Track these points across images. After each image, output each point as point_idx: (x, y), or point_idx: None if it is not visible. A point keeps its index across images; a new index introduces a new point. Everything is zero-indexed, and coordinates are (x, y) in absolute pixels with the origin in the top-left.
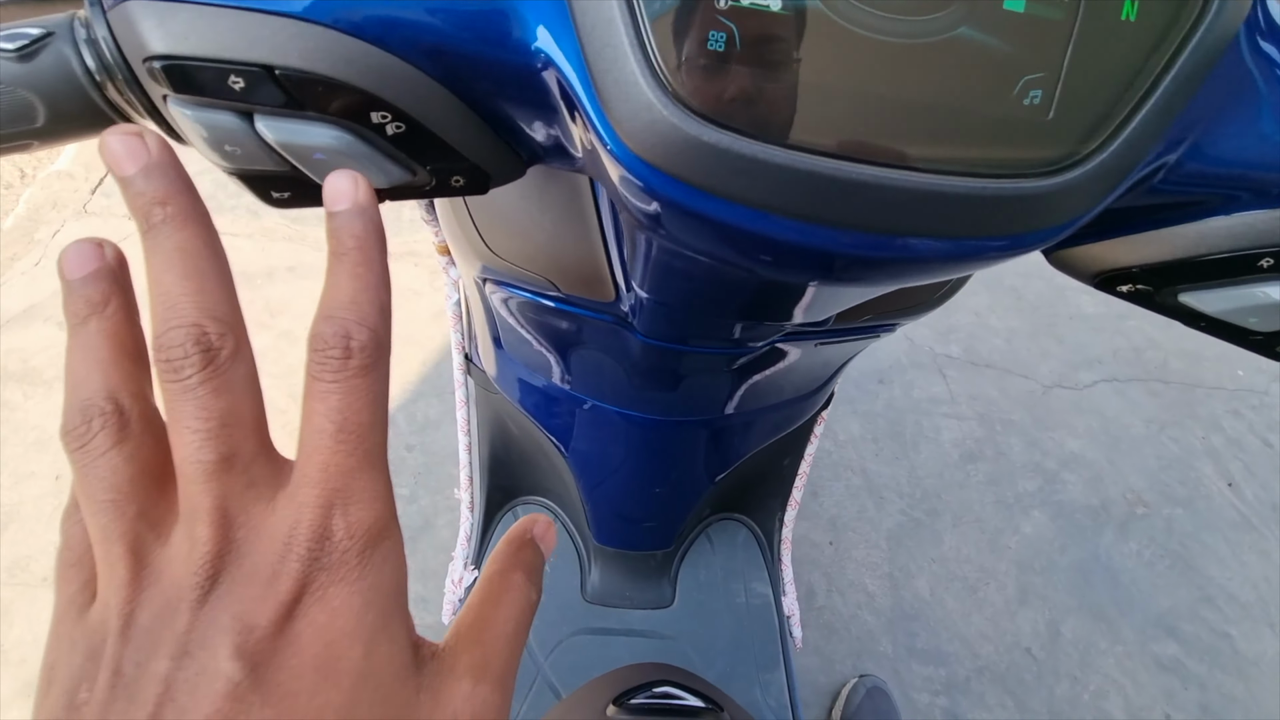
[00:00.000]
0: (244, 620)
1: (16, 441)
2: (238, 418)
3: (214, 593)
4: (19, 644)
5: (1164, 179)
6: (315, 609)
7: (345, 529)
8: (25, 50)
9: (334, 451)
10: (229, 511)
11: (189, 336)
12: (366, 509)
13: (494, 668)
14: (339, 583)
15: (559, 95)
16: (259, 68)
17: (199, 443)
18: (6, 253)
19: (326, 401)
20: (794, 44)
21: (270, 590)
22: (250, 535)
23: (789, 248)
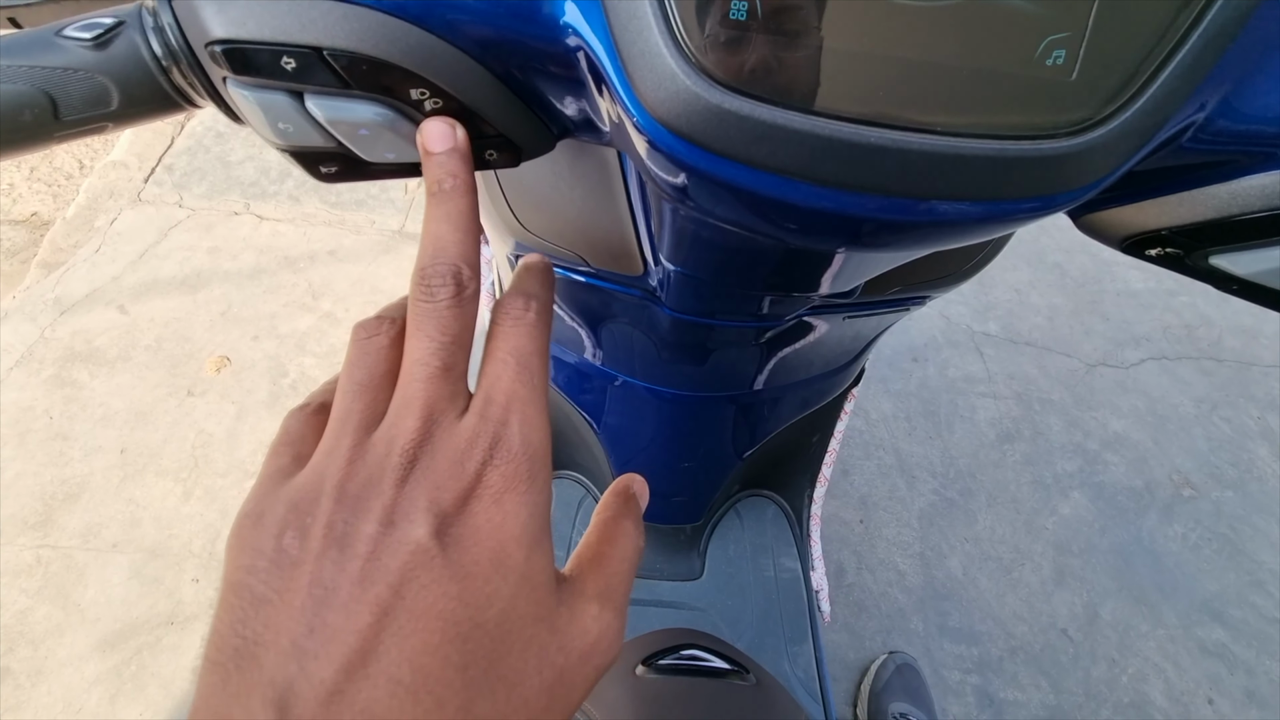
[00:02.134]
0: (437, 501)
1: (85, 418)
2: (463, 341)
3: (412, 475)
4: (94, 604)
5: (1193, 138)
6: (492, 507)
7: (521, 443)
8: (100, 39)
9: (514, 380)
10: (434, 410)
11: (449, 270)
12: (537, 432)
13: (615, 596)
14: (511, 491)
15: (586, 69)
16: (309, 49)
17: (432, 349)
18: (69, 240)
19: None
20: (816, 10)
21: (454, 480)
22: (445, 434)
23: (814, 214)
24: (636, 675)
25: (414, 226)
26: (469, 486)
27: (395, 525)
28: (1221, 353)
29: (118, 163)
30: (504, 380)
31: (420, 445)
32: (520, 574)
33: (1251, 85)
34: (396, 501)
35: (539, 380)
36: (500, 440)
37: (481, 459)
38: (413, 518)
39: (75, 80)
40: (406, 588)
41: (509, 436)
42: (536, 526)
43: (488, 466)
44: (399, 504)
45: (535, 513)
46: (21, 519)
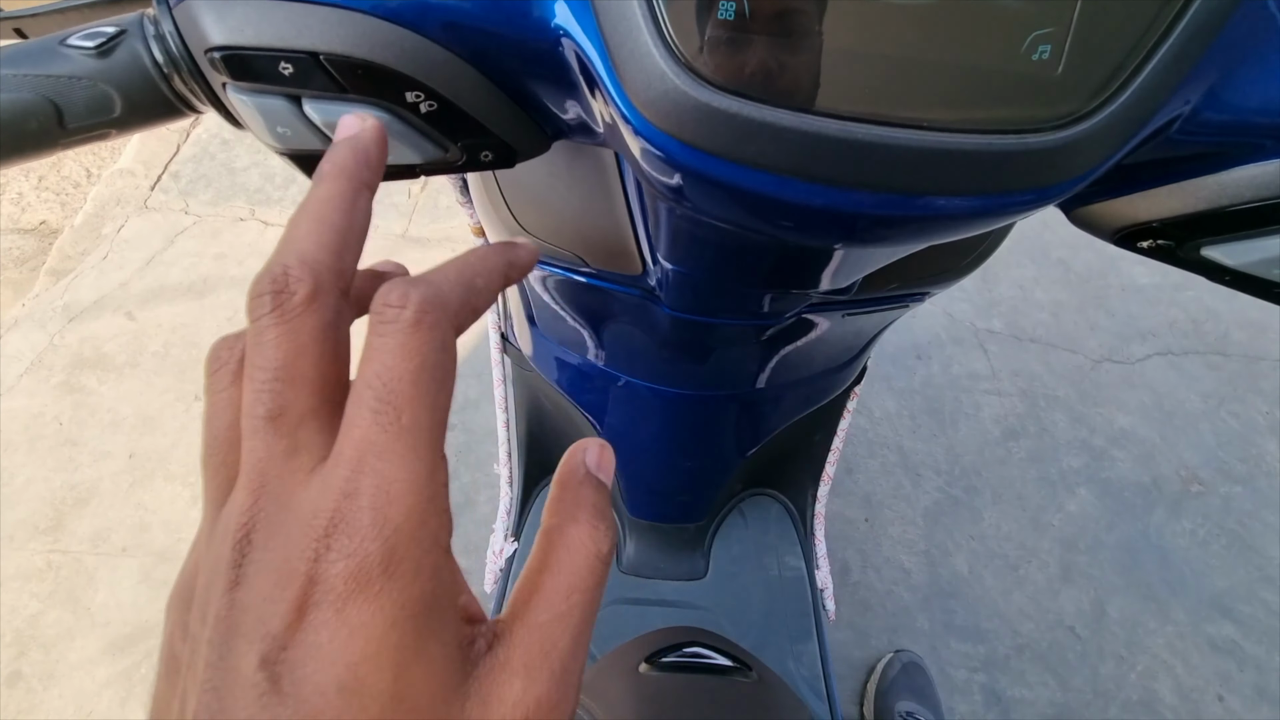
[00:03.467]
0: (263, 623)
1: (93, 423)
2: (294, 372)
3: (243, 575)
4: (104, 607)
5: (1181, 129)
6: (334, 621)
7: (369, 523)
8: (103, 47)
9: (369, 425)
10: (265, 478)
11: (269, 276)
12: (395, 501)
13: (552, 659)
14: (359, 594)
15: (578, 70)
16: (306, 54)
17: (251, 393)
18: (78, 247)
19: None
20: (804, 10)
21: (281, 588)
22: (279, 511)
23: (806, 210)
24: (639, 673)
25: (417, 230)
26: (303, 592)
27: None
28: (1229, 347)
29: (124, 170)
30: (356, 427)
31: (249, 531)
32: (386, 698)
33: (1238, 77)
34: (227, 619)
35: (413, 417)
36: (342, 520)
37: (315, 551)
38: (240, 647)
39: (79, 88)
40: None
41: (353, 515)
42: (404, 633)
43: (323, 562)
44: (229, 623)
45: (399, 616)
46: (32, 524)
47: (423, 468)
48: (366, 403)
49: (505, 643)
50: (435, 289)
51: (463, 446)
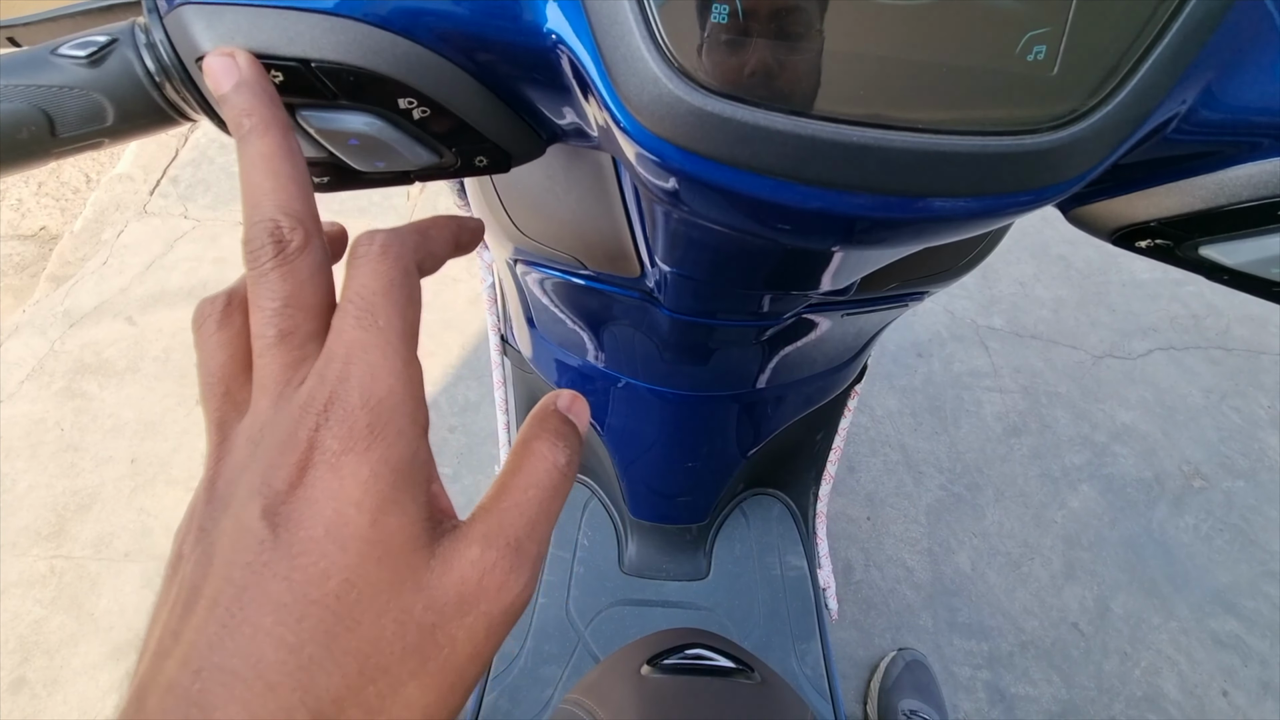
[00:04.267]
0: (268, 482)
1: (95, 429)
2: (300, 300)
3: (257, 455)
4: (107, 612)
5: (1178, 129)
6: (327, 474)
7: (360, 396)
8: (94, 56)
9: (352, 328)
10: (276, 384)
11: (265, 230)
12: (378, 381)
13: (508, 533)
14: (349, 452)
15: (571, 74)
16: (297, 62)
17: (265, 320)
18: (77, 253)
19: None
20: (798, 12)
21: (286, 455)
22: (286, 405)
23: (801, 213)
24: (642, 675)
25: None
26: (302, 458)
27: (237, 515)
28: (1230, 342)
29: (123, 176)
30: (344, 330)
31: (266, 425)
32: (363, 540)
33: (1234, 75)
34: (242, 489)
35: (388, 320)
36: (335, 399)
37: (314, 424)
38: (248, 504)
39: (71, 98)
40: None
41: (345, 393)
42: (384, 484)
43: (320, 430)
44: (243, 492)
45: (381, 470)
46: (35, 530)
47: (399, 359)
48: (349, 313)
49: (467, 523)
50: (396, 233)
51: (464, 449)
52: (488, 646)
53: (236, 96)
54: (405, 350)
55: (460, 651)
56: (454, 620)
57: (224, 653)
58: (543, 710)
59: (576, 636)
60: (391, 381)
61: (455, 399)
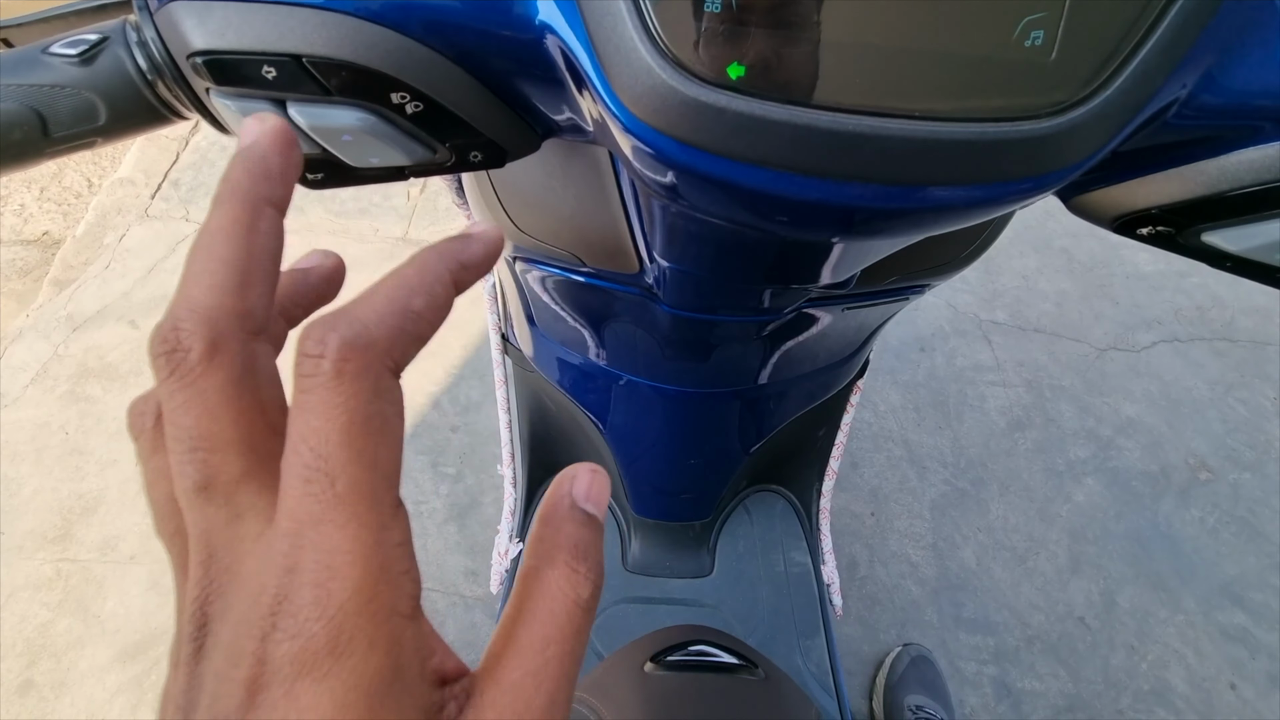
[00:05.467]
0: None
1: (99, 432)
2: (211, 438)
3: (203, 649)
4: (113, 615)
5: (1178, 114)
6: (283, 704)
7: (311, 601)
8: (85, 55)
9: (300, 495)
10: (212, 549)
11: (160, 333)
12: (338, 579)
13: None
14: (305, 676)
15: (565, 68)
16: (288, 57)
17: (175, 464)
18: (80, 258)
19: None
20: (792, 1)
21: (232, 669)
22: (231, 583)
23: (799, 204)
24: (645, 672)
25: (417, 234)
26: (251, 675)
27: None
28: (1235, 333)
29: (125, 179)
30: (289, 497)
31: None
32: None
33: (1234, 59)
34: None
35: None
36: (284, 600)
37: (261, 631)
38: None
39: (63, 97)
40: None
41: (294, 593)
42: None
43: (269, 642)
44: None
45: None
46: (41, 533)
47: (367, 534)
48: (296, 471)
49: (476, 704)
50: (359, 327)
51: (467, 448)
52: None
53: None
54: (376, 517)
55: None
56: None
57: None
58: None
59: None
60: (357, 573)
61: (457, 398)
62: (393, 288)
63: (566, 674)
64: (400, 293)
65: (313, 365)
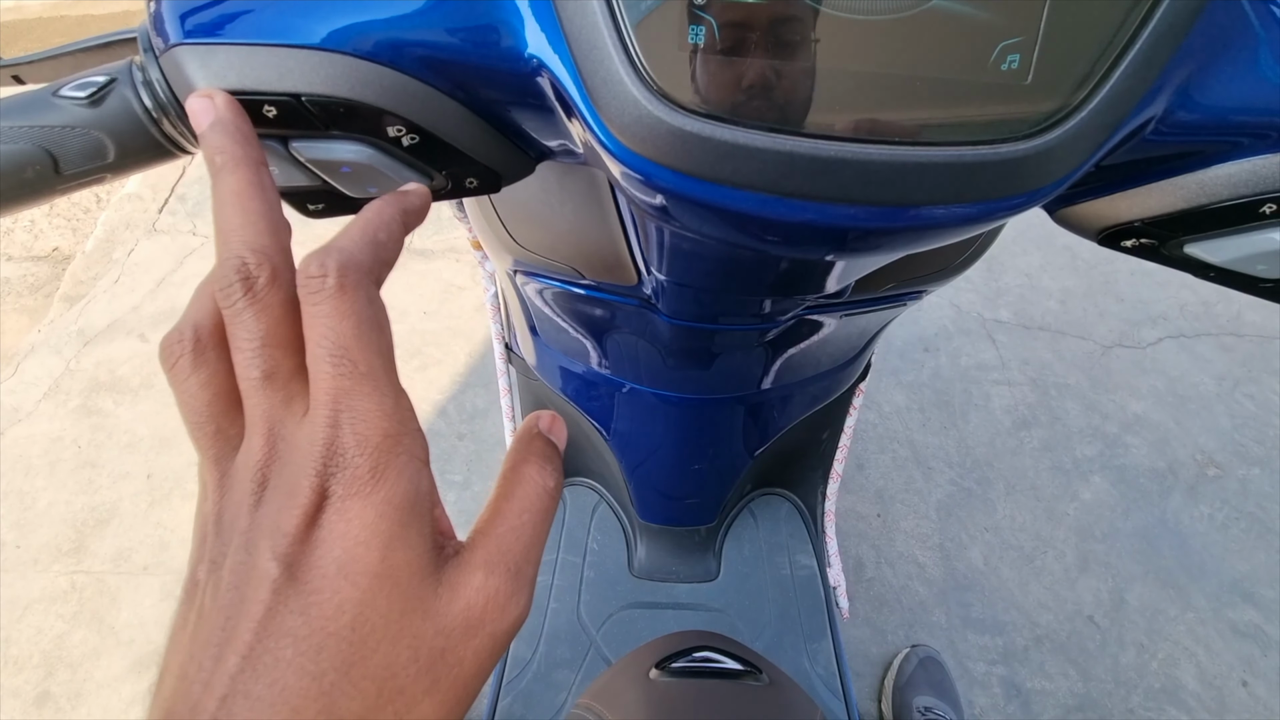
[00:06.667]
0: (279, 526)
1: (111, 445)
2: (276, 338)
3: (263, 497)
4: (127, 626)
5: (1156, 131)
6: (335, 518)
7: (355, 445)
8: (94, 96)
9: (332, 376)
10: (273, 424)
11: (233, 267)
12: (372, 427)
13: (508, 559)
14: (353, 496)
15: (554, 97)
16: (288, 96)
17: (245, 360)
18: (90, 272)
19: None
20: (772, 31)
21: (294, 500)
22: (287, 447)
23: (787, 226)
24: (650, 679)
25: (421, 243)
26: (312, 502)
27: (250, 555)
28: (1242, 328)
29: (133, 195)
30: (321, 378)
31: (267, 464)
32: (373, 575)
33: (1209, 77)
34: (249, 529)
35: (367, 363)
36: (333, 447)
37: (316, 471)
38: (259, 546)
39: (73, 137)
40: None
41: (340, 441)
42: (390, 522)
43: (325, 477)
44: (250, 531)
45: (385, 509)
46: (55, 546)
47: (387, 400)
48: (323, 360)
49: (468, 547)
50: (348, 254)
51: (473, 456)
52: (491, 662)
53: (211, 135)
54: (390, 387)
55: (468, 669)
56: (462, 642)
57: (248, 680)
58: (556, 714)
59: (589, 641)
60: (385, 424)
61: (464, 407)
62: (362, 227)
63: (537, 535)
64: (369, 229)
65: (319, 284)
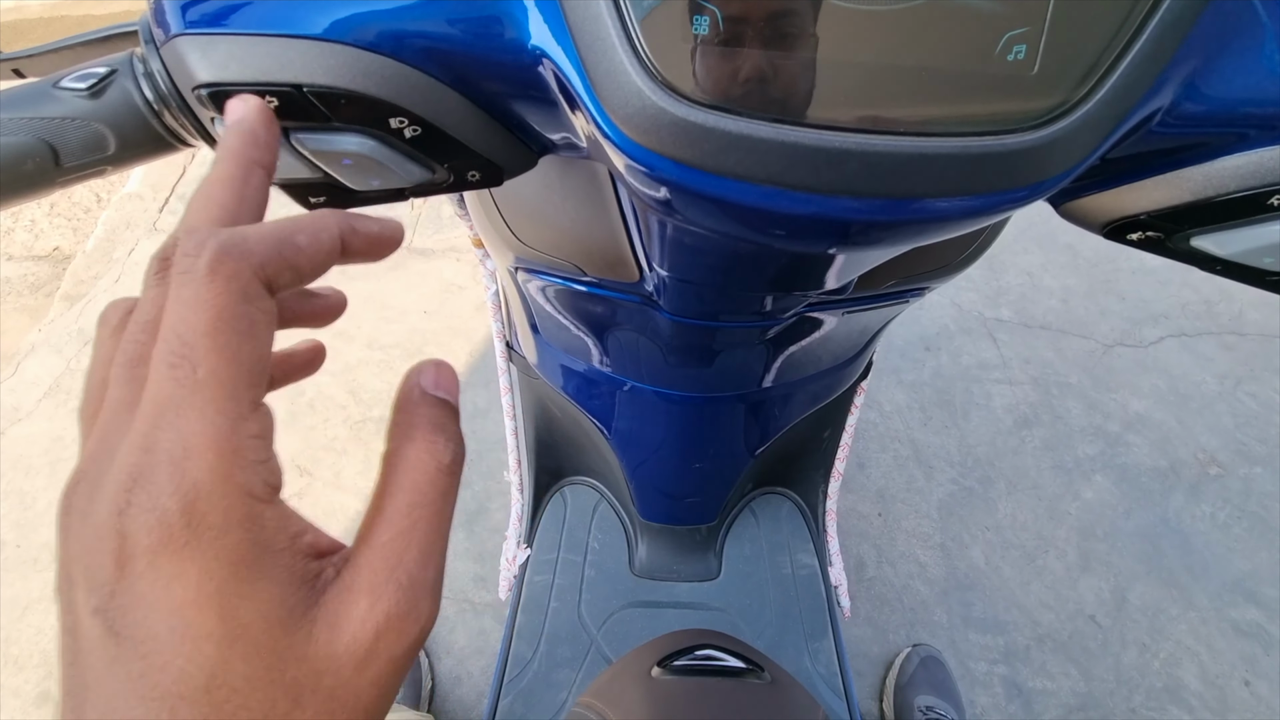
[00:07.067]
0: (91, 570)
1: None
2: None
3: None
4: None
5: (1162, 123)
6: (148, 572)
7: (167, 482)
8: (94, 88)
9: (164, 380)
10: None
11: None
12: (193, 460)
13: (397, 573)
14: (164, 550)
15: (557, 89)
16: (290, 87)
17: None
18: (90, 272)
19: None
20: (777, 22)
21: (101, 540)
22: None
23: (791, 218)
24: (652, 677)
25: (421, 242)
26: (116, 547)
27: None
28: (1244, 327)
29: (133, 195)
30: (153, 380)
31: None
32: (217, 639)
33: (1216, 68)
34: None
35: (211, 368)
36: (141, 477)
37: (119, 506)
38: (75, 594)
39: (73, 129)
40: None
41: (150, 470)
42: (221, 580)
43: (126, 516)
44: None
45: (211, 567)
46: (55, 546)
47: (224, 421)
48: (163, 357)
49: (350, 567)
50: (237, 239)
51: (473, 455)
52: (396, 681)
53: (227, 133)
54: (234, 407)
55: (367, 699)
56: (355, 676)
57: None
58: (557, 714)
59: (589, 640)
60: (211, 456)
61: (464, 406)
62: (283, 222)
63: (436, 531)
64: (288, 226)
65: (189, 263)
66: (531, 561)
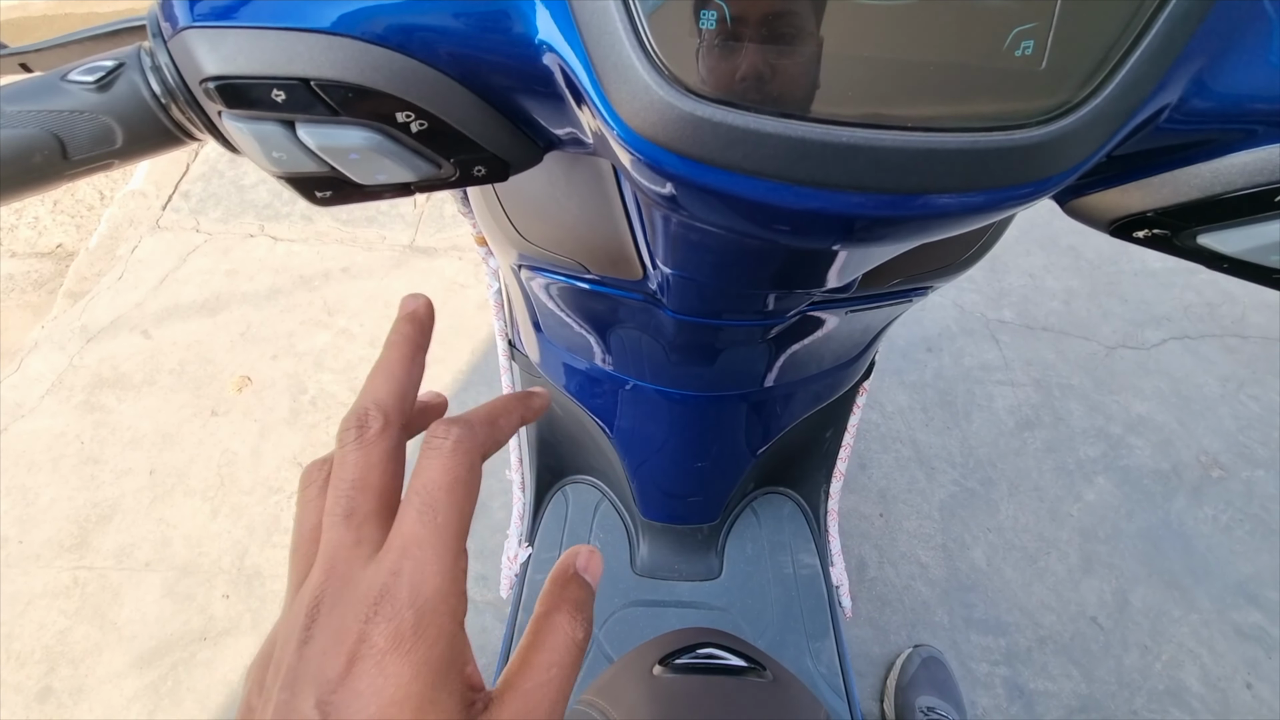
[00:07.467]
0: (323, 670)
1: (114, 441)
2: (366, 482)
3: (311, 634)
4: (129, 622)
5: (1170, 119)
6: (373, 670)
7: (409, 594)
8: (102, 81)
9: (414, 521)
10: (335, 562)
11: (355, 415)
12: (428, 581)
13: (536, 712)
14: (394, 651)
15: (564, 84)
16: (297, 80)
17: (335, 496)
18: (93, 269)
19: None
20: (786, 16)
21: (340, 644)
22: (343, 587)
23: (797, 214)
24: (654, 675)
25: (424, 241)
26: (354, 648)
27: (295, 697)
28: (1246, 329)
29: (136, 191)
30: (405, 523)
31: (318, 602)
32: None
33: (1224, 64)
34: (296, 668)
35: (446, 517)
36: (388, 593)
37: (366, 615)
38: (301, 689)
39: (81, 122)
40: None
41: (396, 588)
42: (424, 684)
43: (371, 624)
44: (297, 671)
45: (422, 670)
46: (58, 542)
47: (450, 557)
48: (414, 505)
49: (498, 704)
50: (468, 426)
51: None
52: None
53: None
54: (457, 545)
55: None
56: None
57: None
58: None
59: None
60: (439, 581)
61: (465, 404)
62: (490, 409)
63: (563, 690)
64: (494, 414)
65: (439, 443)
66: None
